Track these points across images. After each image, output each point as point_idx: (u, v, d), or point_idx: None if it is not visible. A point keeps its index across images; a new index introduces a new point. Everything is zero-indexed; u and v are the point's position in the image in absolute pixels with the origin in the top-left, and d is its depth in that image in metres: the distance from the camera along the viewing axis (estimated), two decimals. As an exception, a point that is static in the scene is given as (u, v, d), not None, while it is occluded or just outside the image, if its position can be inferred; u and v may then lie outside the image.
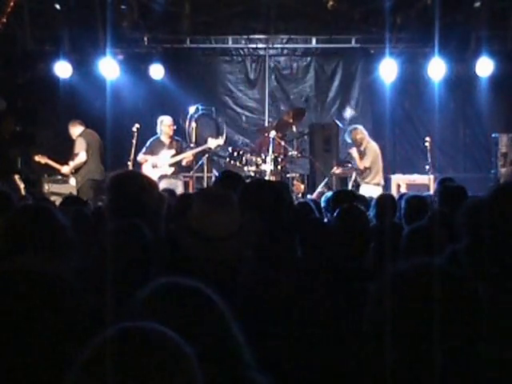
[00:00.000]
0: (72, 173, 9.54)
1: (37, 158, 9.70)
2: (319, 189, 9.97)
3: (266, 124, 11.89)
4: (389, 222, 4.60)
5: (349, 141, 9.97)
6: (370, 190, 9.17)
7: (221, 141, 9.94)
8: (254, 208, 2.95)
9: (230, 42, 12.48)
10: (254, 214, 2.85)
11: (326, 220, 4.71)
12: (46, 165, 9.72)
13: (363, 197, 6.17)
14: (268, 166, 9.61)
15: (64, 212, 4.25)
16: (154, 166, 9.43)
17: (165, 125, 9.40)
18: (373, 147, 9.80)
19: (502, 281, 2.27)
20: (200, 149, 9.83)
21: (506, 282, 2.26)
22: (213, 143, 9.78)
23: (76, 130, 9.50)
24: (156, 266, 2.65)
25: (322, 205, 5.57)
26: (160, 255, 2.73)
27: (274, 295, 2.41)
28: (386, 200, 5.10)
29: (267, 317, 2.32)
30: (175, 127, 9.58)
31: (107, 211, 3.18)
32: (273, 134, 9.80)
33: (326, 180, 10.15)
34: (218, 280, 2.27)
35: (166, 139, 9.43)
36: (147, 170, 9.39)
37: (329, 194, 6.01)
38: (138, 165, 9.49)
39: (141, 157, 9.47)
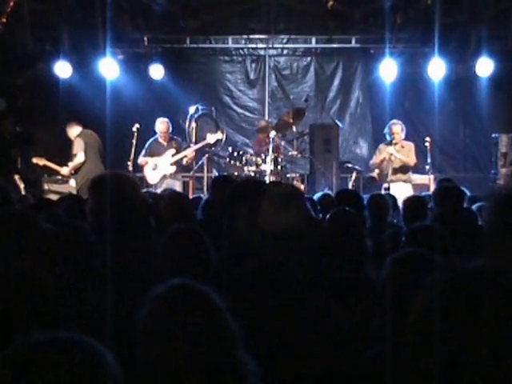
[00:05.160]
0: (72, 174, 9.55)
1: (35, 161, 9.67)
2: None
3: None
4: (383, 222, 4.58)
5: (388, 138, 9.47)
6: (406, 188, 8.96)
7: (220, 135, 9.93)
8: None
9: (230, 42, 12.48)
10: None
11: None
12: (45, 167, 9.72)
13: (361, 197, 6.12)
14: (268, 166, 9.60)
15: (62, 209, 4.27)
16: (155, 168, 9.44)
17: (158, 125, 9.54)
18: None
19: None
20: (200, 145, 9.84)
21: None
22: (212, 138, 9.80)
23: (74, 131, 9.49)
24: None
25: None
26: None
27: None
28: (377, 200, 5.04)
29: None
30: (170, 125, 9.61)
31: (90, 213, 3.13)
32: (273, 133, 9.79)
33: None
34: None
35: (162, 139, 9.51)
36: (148, 172, 9.41)
37: (319, 194, 5.96)
38: (137, 166, 9.51)
39: (141, 159, 9.51)
